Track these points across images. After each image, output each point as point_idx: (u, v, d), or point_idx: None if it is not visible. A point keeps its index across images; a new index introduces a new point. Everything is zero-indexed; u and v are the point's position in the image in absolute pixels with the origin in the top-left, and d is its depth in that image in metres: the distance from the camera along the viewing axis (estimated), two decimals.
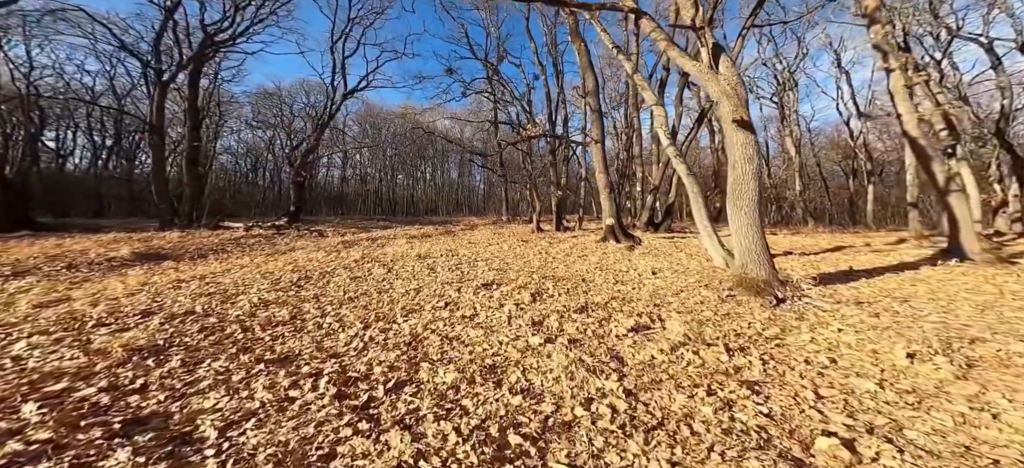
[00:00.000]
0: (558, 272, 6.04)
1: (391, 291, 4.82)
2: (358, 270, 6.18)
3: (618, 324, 3.44)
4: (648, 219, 12.79)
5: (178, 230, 12.26)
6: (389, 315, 3.81)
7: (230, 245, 9.53)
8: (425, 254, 7.79)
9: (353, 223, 18.56)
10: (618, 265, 6.58)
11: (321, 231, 13.40)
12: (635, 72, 8.14)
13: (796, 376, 2.49)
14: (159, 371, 2.41)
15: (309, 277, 5.61)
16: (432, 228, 15.98)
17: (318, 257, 7.38)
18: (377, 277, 5.74)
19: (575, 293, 4.61)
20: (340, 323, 3.57)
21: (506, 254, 7.98)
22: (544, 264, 6.76)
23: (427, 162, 45.02)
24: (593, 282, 5.24)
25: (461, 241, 10.77)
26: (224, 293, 4.52)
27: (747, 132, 4.51)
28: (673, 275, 5.52)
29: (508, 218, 22.53)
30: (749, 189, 4.38)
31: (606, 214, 9.85)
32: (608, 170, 10.35)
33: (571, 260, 7.16)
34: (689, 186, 6.36)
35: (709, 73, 5.09)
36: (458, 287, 4.95)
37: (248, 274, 5.73)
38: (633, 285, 4.98)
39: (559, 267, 6.46)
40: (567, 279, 5.44)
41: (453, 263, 6.82)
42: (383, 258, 7.35)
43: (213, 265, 6.65)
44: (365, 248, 8.96)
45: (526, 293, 4.51)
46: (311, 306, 4.08)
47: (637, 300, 4.27)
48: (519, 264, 6.78)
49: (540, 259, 7.26)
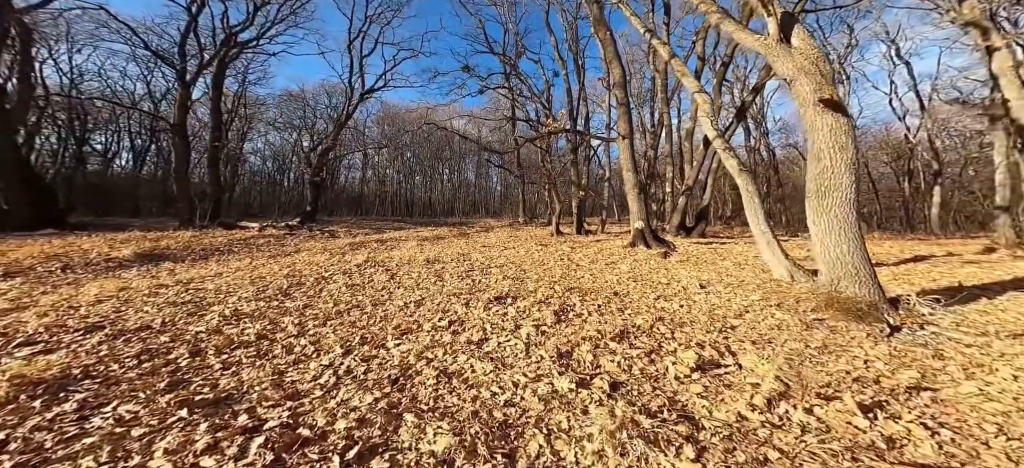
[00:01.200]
0: (584, 283, 5.17)
1: (388, 303, 4.11)
2: (358, 276, 5.54)
3: (675, 359, 2.55)
4: (680, 223, 11.67)
5: (194, 230, 12.17)
6: (378, 337, 3.08)
7: (238, 245, 9.19)
8: (434, 259, 7.09)
9: (368, 224, 18.27)
10: (655, 275, 5.64)
11: (333, 232, 13.04)
12: (672, 57, 7.18)
13: (999, 458, 1.55)
14: (36, 419, 1.75)
15: (302, 283, 4.99)
16: (446, 230, 15.39)
17: (319, 260, 6.82)
18: (377, 285, 5.06)
19: (609, 311, 3.74)
20: (316, 346, 2.86)
21: (523, 260, 7.17)
22: (567, 273, 5.91)
23: (444, 164, 44.93)
24: (629, 297, 4.34)
25: (475, 244, 10.05)
26: (199, 302, 3.94)
27: (837, 114, 3.53)
28: (727, 290, 4.54)
29: (525, 220, 21.72)
30: (842, 185, 3.39)
31: (635, 216, 8.87)
32: (637, 168, 9.37)
33: (598, 268, 6.27)
34: (743, 184, 5.36)
35: (779, 47, 4.12)
36: (467, 300, 4.18)
37: (238, 279, 5.18)
38: (680, 302, 4.06)
39: (585, 277, 5.58)
40: (596, 292, 4.56)
41: (463, 269, 6.07)
42: (388, 262, 6.70)
43: (210, 267, 6.19)
44: (372, 251, 8.38)
45: (548, 310, 3.68)
46: (290, 321, 3.41)
47: (691, 323, 3.36)
48: (538, 272, 5.95)
49: (562, 266, 6.40)
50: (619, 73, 9.99)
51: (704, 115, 6.01)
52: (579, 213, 13.77)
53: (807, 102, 3.74)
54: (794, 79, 3.90)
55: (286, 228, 13.09)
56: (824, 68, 3.82)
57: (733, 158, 5.54)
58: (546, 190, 20.57)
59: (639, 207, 8.90)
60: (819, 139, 3.56)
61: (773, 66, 4.25)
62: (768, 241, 5.08)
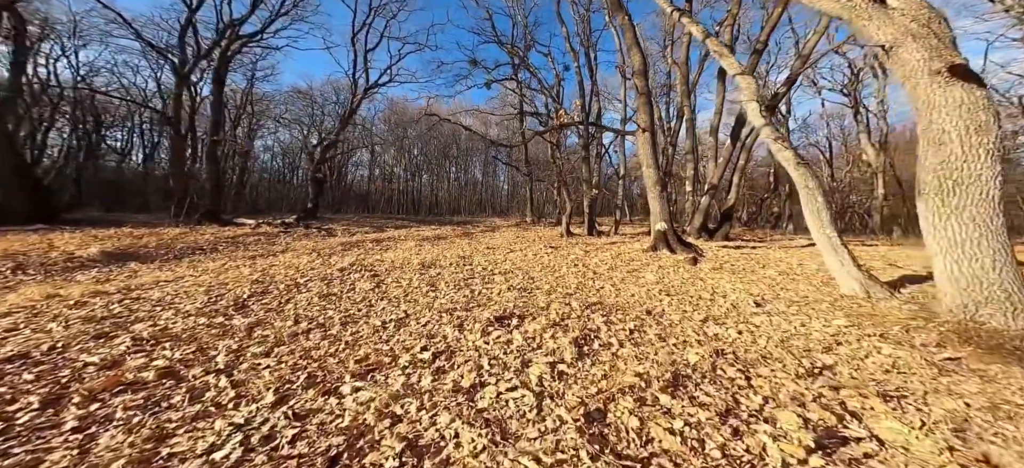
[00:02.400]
0: (606, 296, 4.26)
1: (362, 321, 3.27)
2: (337, 283, 4.71)
3: (772, 429, 1.64)
4: (701, 224, 10.65)
5: (187, 226, 11.58)
6: (333, 375, 2.23)
7: (224, 244, 8.50)
8: (431, 262, 6.24)
9: (370, 222, 17.56)
10: (690, 288, 4.70)
11: (330, 230, 12.33)
12: (708, 37, 6.21)
13: None
14: None
15: (267, 291, 4.19)
16: (450, 229, 14.58)
17: (301, 262, 6.03)
18: (356, 295, 4.22)
19: (646, 340, 2.83)
20: (238, 390, 2.02)
21: (531, 265, 6.28)
22: (584, 282, 5.00)
23: (451, 162, 44.25)
24: (666, 318, 3.42)
25: (478, 245, 9.19)
26: (122, 319, 3.15)
27: (969, 85, 2.57)
28: (793, 310, 3.59)
29: (533, 219, 20.80)
30: (981, 178, 2.45)
31: (656, 217, 7.91)
32: (659, 164, 8.40)
33: (619, 277, 5.34)
34: (801, 180, 4.39)
35: (872, 8, 3.15)
36: (461, 319, 3.31)
37: (195, 285, 4.41)
38: (737, 327, 3.12)
39: (605, 288, 4.67)
40: (623, 311, 3.65)
41: (462, 277, 5.21)
42: (377, 266, 5.87)
43: (175, 269, 5.44)
44: (364, 252, 7.58)
45: (565, 338, 2.79)
46: (225, 346, 2.59)
47: (765, 360, 2.43)
48: (549, 281, 5.05)
49: (577, 274, 5.49)
50: (639, 60, 9.04)
51: (749, 100, 5.04)
52: (591, 213, 12.82)
53: (918, 72, 2.78)
54: (898, 45, 2.94)
55: (282, 225, 12.43)
56: (939, 29, 2.85)
57: (788, 149, 4.57)
58: (555, 188, 19.65)
59: (661, 207, 7.93)
60: (943, 119, 2.61)
61: (864, 33, 3.28)
62: (835, 247, 4.12)
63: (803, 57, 9.63)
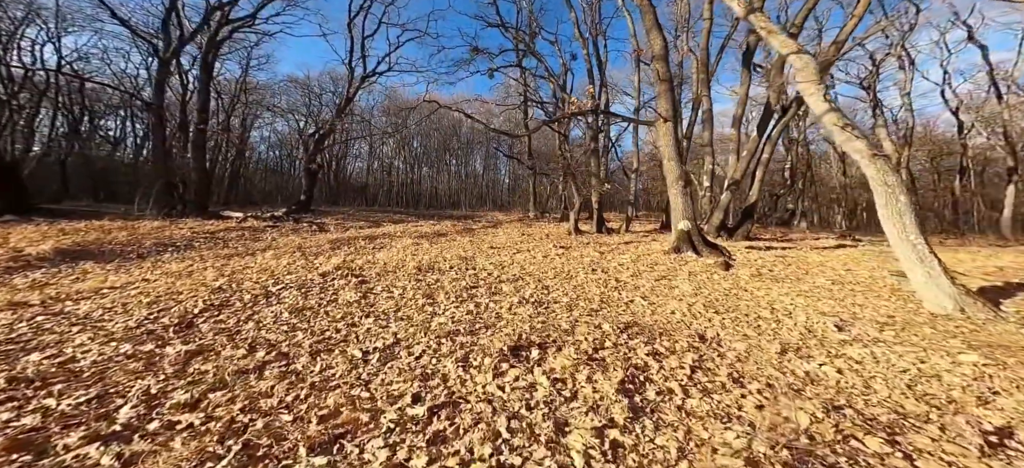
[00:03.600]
0: (640, 313, 3.53)
1: (339, 351, 2.52)
2: (316, 293, 3.97)
3: None
4: (721, 222, 9.92)
5: (167, 218, 10.81)
6: (281, 449, 1.49)
7: (201, 239, 7.74)
8: (428, 265, 5.48)
9: (367, 216, 16.77)
10: (737, 302, 3.96)
11: (322, 224, 11.56)
12: (752, 12, 5.40)
13: None
14: None
15: (227, 304, 3.44)
16: (449, 224, 13.81)
17: (280, 264, 5.27)
18: (338, 310, 3.48)
19: (715, 384, 2.10)
20: None
21: (543, 269, 5.53)
22: (607, 293, 4.26)
23: (452, 155, 43.31)
24: (728, 347, 2.69)
25: (481, 244, 8.43)
26: (24, 343, 2.41)
27: None
28: (887, 337, 2.86)
29: (536, 215, 20.01)
30: None
31: (678, 215, 7.15)
32: (682, 156, 7.64)
33: (647, 285, 4.60)
34: (878, 175, 3.63)
35: None
36: (465, 349, 2.57)
37: (144, 292, 3.66)
38: (831, 362, 2.38)
39: (636, 301, 3.93)
40: (668, 335, 2.92)
41: (464, 286, 4.46)
42: (368, 270, 5.12)
43: (129, 273, 4.69)
44: (355, 251, 6.82)
45: (605, 380, 2.05)
46: (138, 393, 1.85)
47: (912, 422, 1.70)
48: (568, 292, 4.31)
49: (598, 283, 4.75)
50: (660, 44, 8.22)
51: (807, 81, 4.26)
52: (600, 209, 12.05)
53: None
54: None
55: (271, 219, 11.65)
56: None
57: (859, 139, 3.81)
58: (560, 182, 18.85)
59: (684, 204, 7.17)
60: None
61: None
62: (922, 257, 3.38)
63: (838, 43, 8.82)
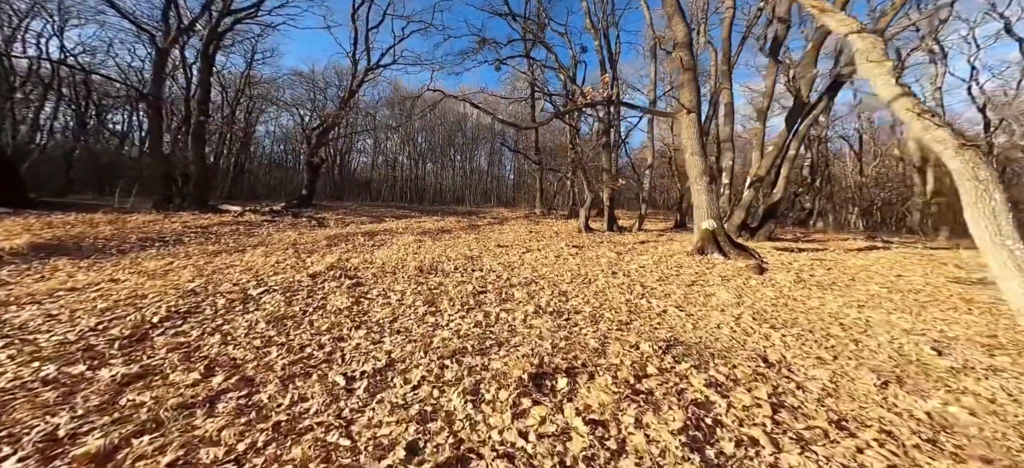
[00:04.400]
0: (679, 327, 3.00)
1: (318, 376, 2.03)
2: (303, 297, 3.49)
3: None
4: (742, 222, 9.31)
5: (162, 213, 10.44)
6: None
7: (191, 234, 7.32)
8: (431, 266, 4.98)
9: (369, 211, 16.33)
10: (792, 315, 3.41)
11: (321, 219, 11.13)
12: None
13: None
14: None
15: (198, 310, 2.97)
16: (453, 220, 13.32)
17: (268, 263, 4.80)
18: (324, 320, 3.00)
19: (812, 433, 1.57)
20: None
21: (557, 271, 5.01)
22: (635, 301, 3.73)
23: (457, 150, 42.78)
24: (803, 374, 2.15)
25: (487, 242, 7.92)
26: None
27: None
28: (1002, 362, 2.30)
29: (542, 212, 19.44)
30: None
31: (703, 213, 6.57)
32: (706, 151, 7.04)
33: (678, 292, 4.07)
34: (966, 171, 3.04)
35: None
36: (475, 375, 2.06)
37: (103, 294, 3.20)
38: (956, 400, 1.84)
39: (669, 311, 3.40)
40: (722, 358, 2.39)
41: (471, 289, 3.96)
42: (364, 270, 4.63)
43: (104, 270, 4.25)
44: (352, 248, 6.34)
45: (661, 426, 1.54)
46: (34, 439, 1.37)
47: None
48: (588, 298, 3.80)
49: (621, 288, 4.22)
50: (683, 31, 7.60)
51: (873, 63, 3.66)
52: (611, 206, 11.47)
53: None
54: None
55: (269, 213, 11.24)
56: None
57: (941, 128, 3.22)
58: (568, 178, 18.23)
59: (709, 202, 6.59)
60: None
61: None
62: (1021, 264, 2.79)
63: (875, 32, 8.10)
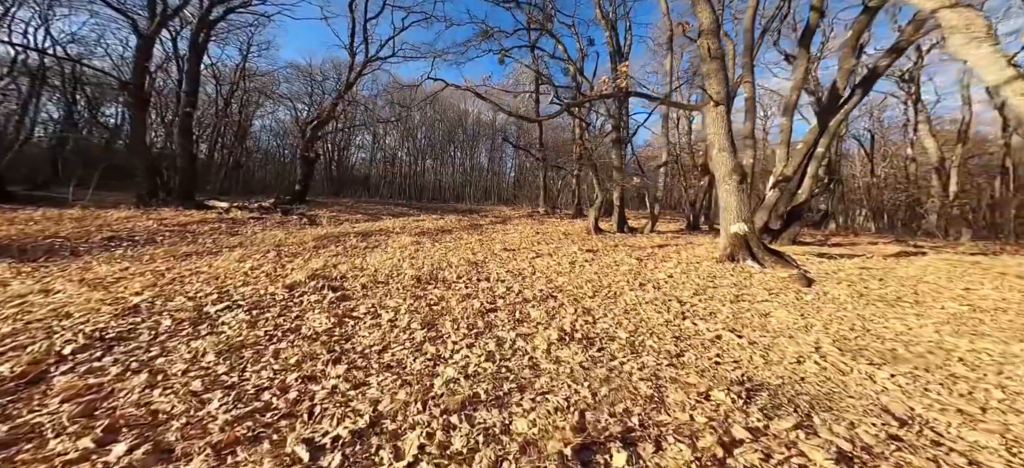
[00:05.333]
0: (746, 362, 2.37)
1: (270, 445, 1.37)
2: (272, 316, 2.84)
3: None
4: (764, 224, 8.68)
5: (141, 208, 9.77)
6: None
7: (167, 233, 6.66)
8: (430, 274, 4.34)
9: (365, 208, 15.64)
10: (882, 343, 2.77)
11: (314, 217, 10.46)
12: None
13: None
14: None
15: (133, 334, 2.32)
16: (454, 219, 12.66)
17: (241, 269, 4.14)
18: (293, 350, 2.36)
19: None
20: None
21: (576, 282, 4.37)
22: (675, 321, 3.10)
23: (457, 147, 42.01)
24: (954, 441, 1.51)
25: (491, 244, 7.28)
26: None
27: None
28: None
29: (546, 211, 18.78)
30: None
31: (732, 215, 5.93)
32: (735, 145, 6.38)
33: (723, 309, 3.43)
34: None
35: None
36: (497, 448, 1.41)
37: (17, 312, 2.55)
38: None
39: (725, 337, 2.77)
40: (826, 410, 1.74)
41: (478, 306, 3.32)
42: (352, 279, 3.99)
43: (46, 276, 3.60)
44: (342, 250, 5.69)
45: None
46: None
47: None
48: (620, 319, 3.17)
49: (654, 304, 3.58)
50: (709, 17, 6.93)
51: (973, 40, 3.00)
52: (622, 206, 10.82)
53: None
54: None
55: (258, 210, 10.57)
56: None
57: None
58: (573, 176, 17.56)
59: (739, 202, 5.95)
60: None
61: None
62: None
63: (916, 22, 7.45)
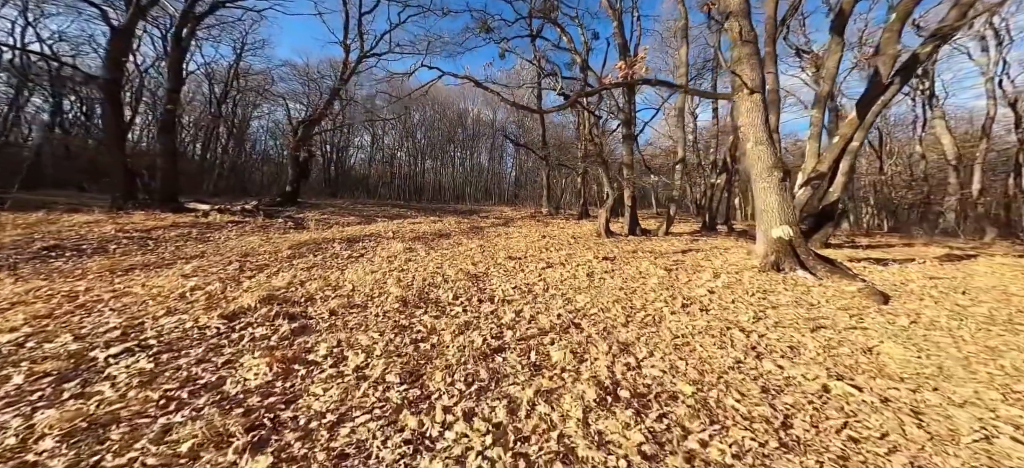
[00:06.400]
0: (893, 431, 1.49)
1: None
2: (194, 363, 1.99)
3: None
4: None
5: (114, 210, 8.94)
6: None
7: (126, 240, 5.83)
8: (421, 292, 3.50)
9: (360, 209, 14.80)
10: None
11: (301, 220, 9.62)
12: None
13: None
14: None
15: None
16: (453, 220, 11.82)
17: (179, 289, 3.29)
18: (196, 425, 1.49)
19: None
20: None
21: (601, 303, 3.54)
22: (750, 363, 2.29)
23: (457, 146, 41.21)
24: None
25: (494, 251, 6.43)
26: None
27: None
28: None
29: (549, 211, 17.93)
30: None
31: (774, 218, 5.08)
32: (775, 140, 5.57)
33: (807, 343, 2.61)
34: None
35: None
36: None
37: None
38: None
39: (836, 390, 1.93)
40: None
41: (480, 344, 2.48)
42: (320, 303, 3.14)
43: None
44: (321, 260, 4.84)
45: None
46: None
47: None
48: (673, 360, 2.34)
49: (711, 335, 2.75)
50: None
51: None
52: (634, 207, 9.99)
53: None
54: None
55: (240, 212, 9.74)
56: None
57: None
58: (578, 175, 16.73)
59: (782, 202, 5.11)
60: None
61: None
62: None
63: (962, 6, 6.63)
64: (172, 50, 14.18)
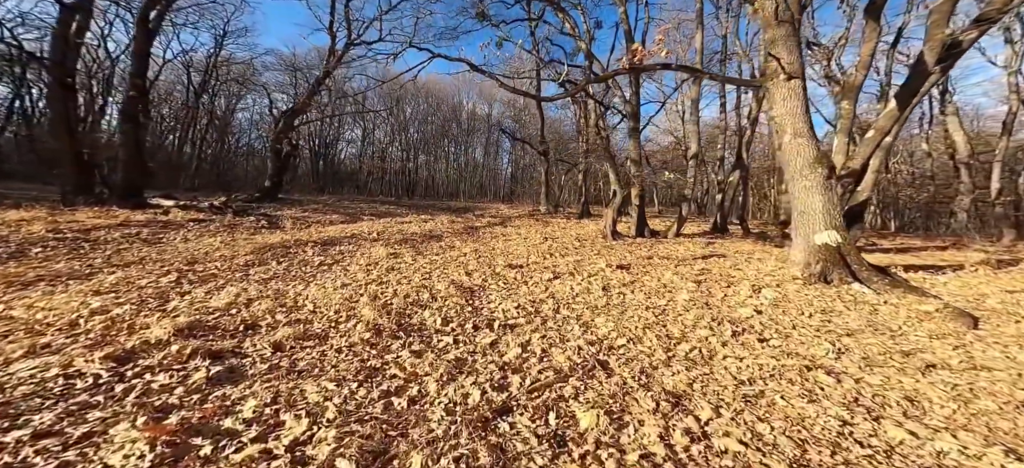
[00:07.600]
0: None
1: None
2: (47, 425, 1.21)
3: None
4: None
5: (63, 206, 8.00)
6: None
7: (53, 242, 4.97)
8: (400, 314, 2.76)
9: (346, 206, 13.89)
10: None
11: (276, 219, 8.75)
12: None
13: None
14: None
15: None
16: (446, 219, 11.04)
17: (79, 312, 2.51)
18: None
19: None
20: None
21: (629, 329, 2.85)
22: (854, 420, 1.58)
23: (451, 141, 40.19)
24: None
25: (491, 256, 5.69)
26: None
27: None
28: None
29: (548, 210, 17.22)
30: None
31: (818, 221, 4.43)
32: (814, 131, 4.90)
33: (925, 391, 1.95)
34: None
35: None
36: None
37: None
38: None
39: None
40: None
41: (477, 396, 1.75)
42: (265, 333, 2.38)
43: None
44: (286, 269, 4.05)
45: None
46: None
47: None
48: (747, 420, 1.64)
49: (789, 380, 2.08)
50: None
51: None
52: (642, 206, 9.32)
53: None
54: None
55: (208, 209, 8.84)
56: None
57: None
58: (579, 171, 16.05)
59: (828, 203, 4.47)
60: None
61: None
62: None
63: None
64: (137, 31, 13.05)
